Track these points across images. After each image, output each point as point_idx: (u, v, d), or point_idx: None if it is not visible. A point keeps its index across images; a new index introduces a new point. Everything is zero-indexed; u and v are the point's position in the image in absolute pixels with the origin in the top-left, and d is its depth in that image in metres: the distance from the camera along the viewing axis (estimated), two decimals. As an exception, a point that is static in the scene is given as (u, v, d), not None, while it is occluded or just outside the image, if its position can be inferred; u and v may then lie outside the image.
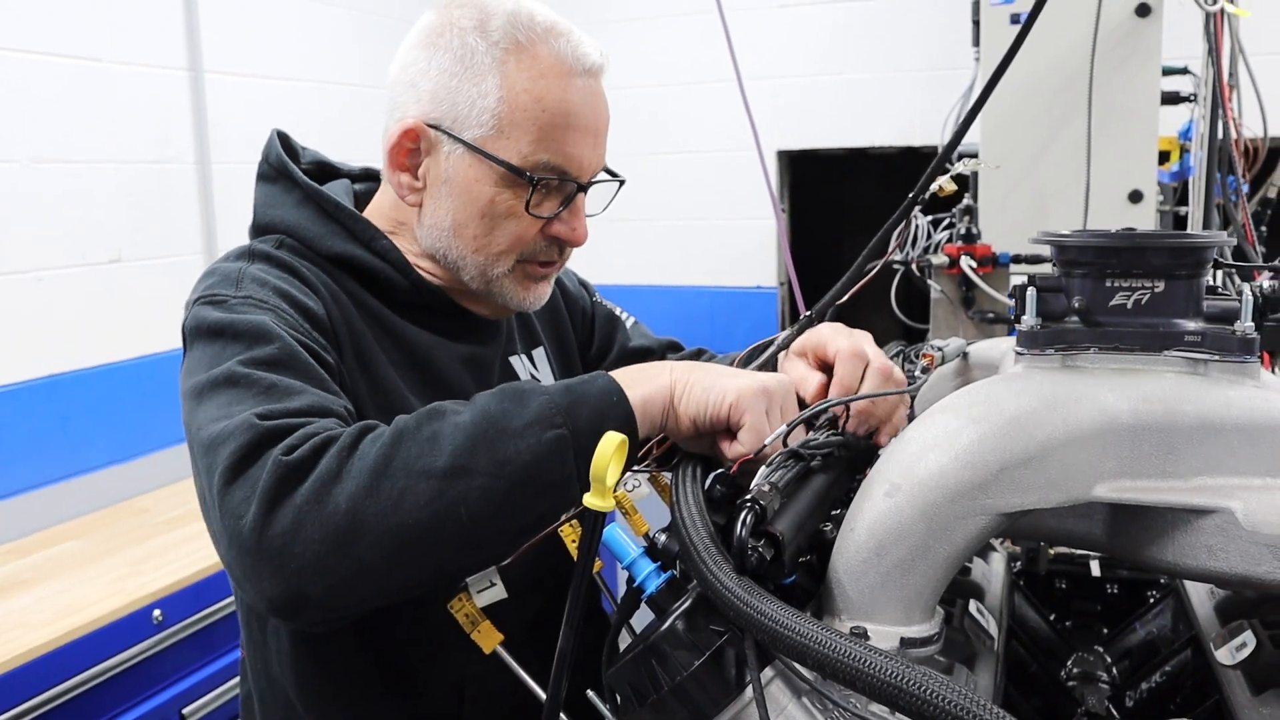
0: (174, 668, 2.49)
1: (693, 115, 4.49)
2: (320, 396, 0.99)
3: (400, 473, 0.87)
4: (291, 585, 0.86)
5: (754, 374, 0.99)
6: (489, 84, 1.12)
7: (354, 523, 0.85)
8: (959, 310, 2.21)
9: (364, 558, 0.86)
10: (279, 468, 0.87)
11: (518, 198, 1.15)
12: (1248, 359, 0.85)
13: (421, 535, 0.87)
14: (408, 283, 1.20)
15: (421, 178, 1.18)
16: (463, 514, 0.88)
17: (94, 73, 3.00)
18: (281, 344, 1.02)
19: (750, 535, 0.75)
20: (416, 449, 0.89)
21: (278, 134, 1.29)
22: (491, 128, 1.13)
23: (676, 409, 0.97)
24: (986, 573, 1.19)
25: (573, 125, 1.15)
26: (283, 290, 1.09)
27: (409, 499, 0.87)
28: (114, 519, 2.92)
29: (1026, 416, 0.79)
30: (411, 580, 0.90)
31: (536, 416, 0.91)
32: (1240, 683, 0.96)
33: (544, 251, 1.20)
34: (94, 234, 3.02)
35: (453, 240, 1.18)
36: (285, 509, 0.86)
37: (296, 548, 0.85)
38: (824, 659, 0.65)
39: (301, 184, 1.22)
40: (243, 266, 1.12)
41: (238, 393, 0.97)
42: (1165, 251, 0.90)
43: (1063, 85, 2.32)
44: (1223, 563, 0.78)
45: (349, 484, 0.86)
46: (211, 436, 0.93)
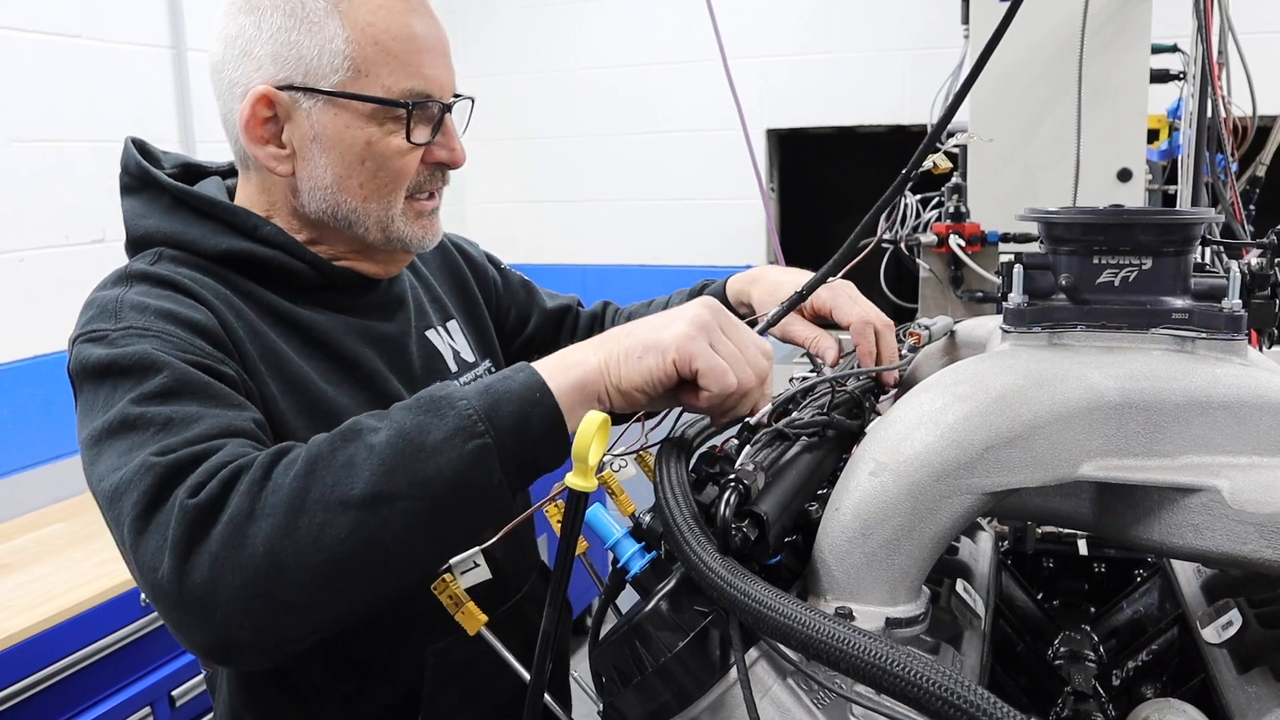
0: (163, 650, 2.48)
1: (680, 94, 4.47)
2: (221, 416, 0.95)
3: (317, 506, 0.83)
4: (219, 634, 0.83)
5: (677, 314, 0.93)
6: (331, 29, 1.09)
7: (273, 565, 0.82)
8: (948, 289, 2.20)
9: (289, 599, 0.83)
10: (186, 512, 0.83)
11: (393, 132, 1.12)
12: (1235, 337, 0.85)
13: (346, 569, 0.84)
14: (304, 264, 1.17)
15: (287, 144, 1.13)
16: (387, 542, 0.84)
17: (74, 50, 2.97)
18: (170, 370, 0.97)
19: (733, 515, 0.74)
20: (332, 478, 0.84)
21: (132, 140, 1.23)
22: (347, 70, 1.10)
23: (618, 386, 0.92)
24: (974, 552, 1.19)
25: (423, 48, 1.13)
26: (165, 311, 1.04)
27: (329, 533, 0.83)
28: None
29: (1012, 395, 0.79)
30: (344, 613, 0.87)
31: (455, 427, 0.86)
32: (1226, 661, 0.95)
33: (428, 181, 1.18)
34: (76, 214, 3.00)
35: (340, 195, 1.14)
36: (200, 557, 0.82)
37: (219, 596, 0.82)
38: (808, 640, 0.64)
39: (169, 188, 1.17)
40: (120, 294, 1.07)
41: (135, 436, 0.92)
42: (1153, 228, 0.89)
43: (1052, 63, 2.31)
44: (1209, 541, 0.77)
45: (264, 524, 0.82)
46: (113, 487, 0.90)
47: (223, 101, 1.16)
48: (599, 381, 0.92)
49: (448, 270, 1.43)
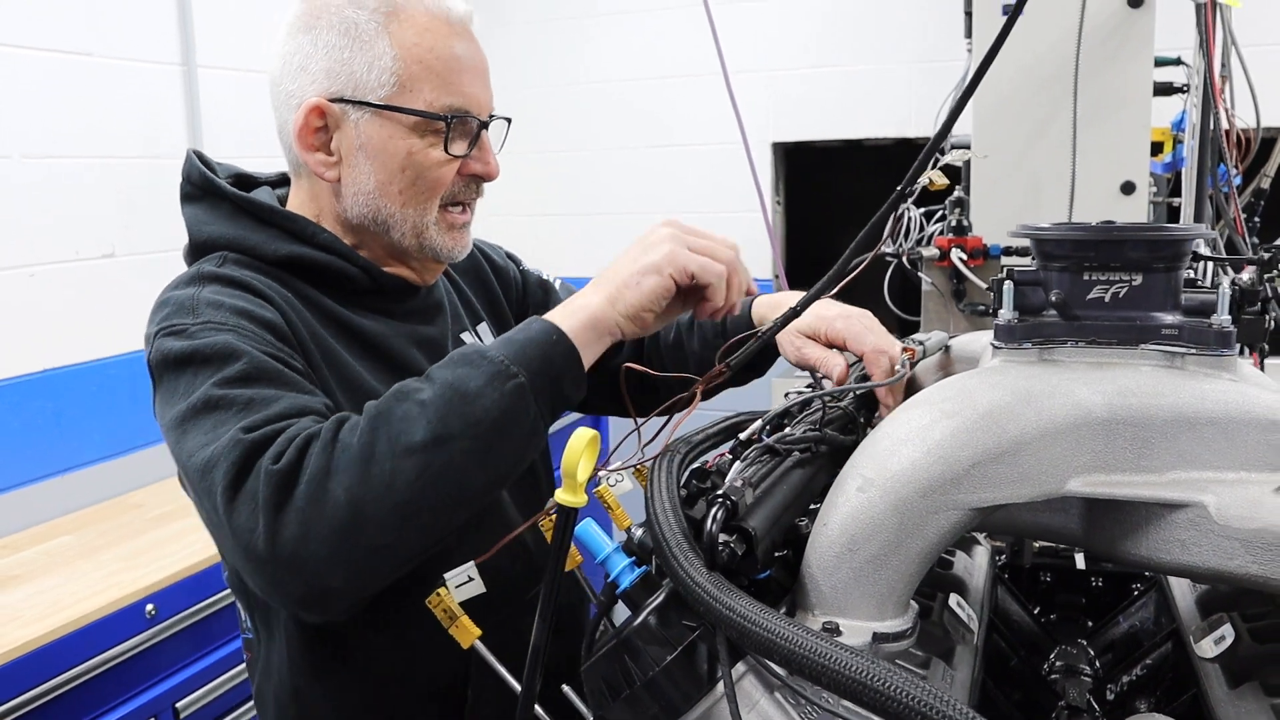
0: (168, 662, 2.50)
1: (687, 108, 4.49)
2: (297, 398, 1.05)
3: (385, 455, 0.94)
4: (314, 584, 0.94)
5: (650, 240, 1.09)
6: (380, 48, 1.20)
7: (355, 512, 0.92)
8: (950, 302, 2.20)
9: (374, 541, 0.94)
10: (271, 477, 0.93)
11: (432, 144, 1.22)
12: (1224, 352, 0.85)
13: (420, 506, 0.95)
14: (357, 269, 1.26)
15: (335, 152, 1.23)
16: (451, 477, 0.96)
17: (85, 68, 3.00)
18: (249, 359, 1.06)
19: (721, 530, 0.75)
20: (394, 430, 0.95)
21: (193, 153, 1.31)
22: (393, 86, 1.20)
23: (625, 314, 1.06)
24: (969, 566, 1.19)
25: (464, 68, 1.23)
26: (239, 308, 1.13)
27: (399, 478, 0.94)
28: (108, 514, 2.92)
29: (999, 411, 0.79)
30: (421, 546, 0.98)
31: (492, 373, 0.99)
32: (1218, 676, 0.95)
33: (463, 192, 1.28)
34: (87, 229, 3.02)
35: (380, 200, 1.23)
36: (289, 515, 0.92)
37: (310, 548, 0.92)
38: (790, 655, 0.65)
39: (230, 196, 1.26)
40: (195, 292, 1.15)
41: (219, 415, 1.01)
42: (1143, 244, 0.90)
43: (1054, 76, 2.31)
44: (1195, 557, 0.77)
45: (341, 477, 0.93)
46: (203, 461, 0.99)
47: (279, 113, 1.25)
48: (607, 315, 1.05)
49: (474, 274, 1.53)
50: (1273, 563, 0.74)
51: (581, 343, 1.04)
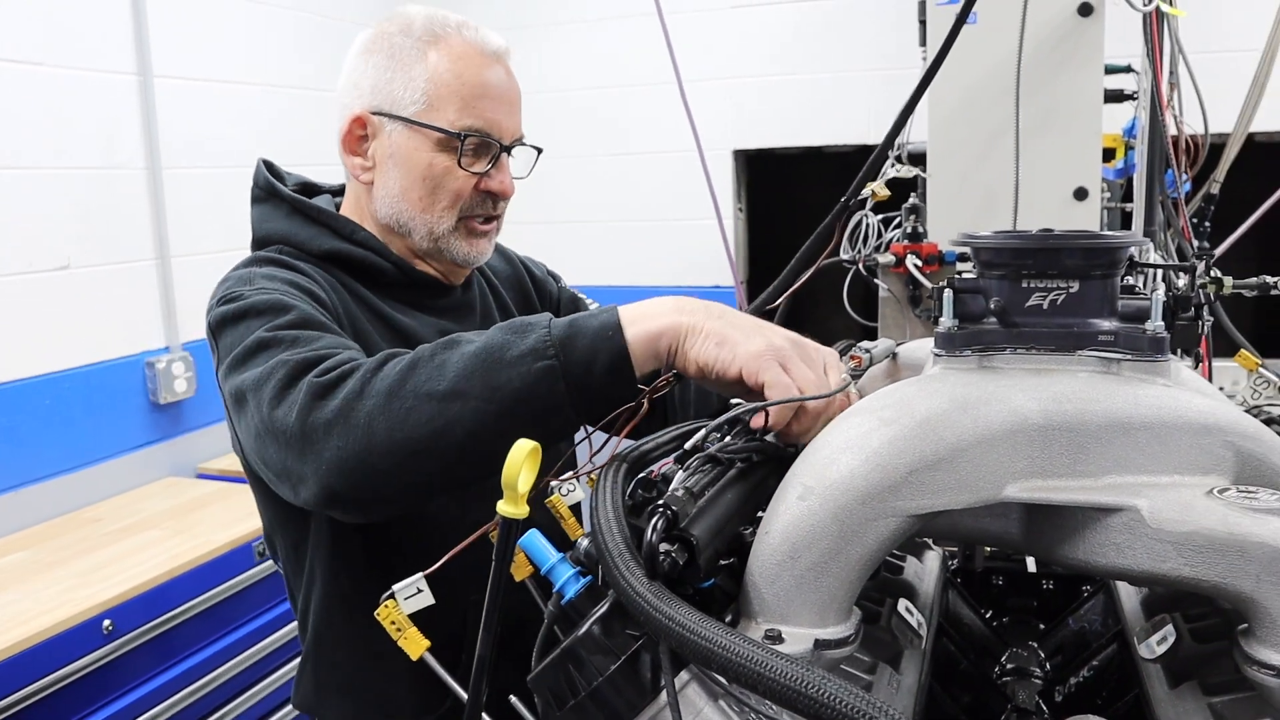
0: (126, 678, 2.47)
1: (648, 116, 4.50)
2: (338, 339, 1.18)
3: (410, 394, 1.02)
4: (325, 481, 1.03)
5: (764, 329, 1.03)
6: (416, 70, 1.37)
7: (368, 435, 1.01)
8: (906, 309, 2.22)
9: (377, 464, 1.01)
10: (312, 387, 1.05)
11: (451, 159, 1.37)
12: (1158, 358, 0.87)
13: (423, 449, 1.01)
14: (389, 264, 1.42)
15: (371, 158, 1.41)
16: (458, 433, 1.00)
17: (38, 77, 2.96)
18: (298, 311, 1.20)
19: (662, 539, 0.75)
20: (426, 374, 1.03)
21: (263, 162, 1.49)
22: (423, 104, 1.36)
23: (687, 353, 1.03)
24: (919, 571, 1.20)
25: (488, 95, 1.38)
26: (291, 282, 1.29)
27: (413, 418, 1.01)
28: (64, 529, 2.89)
29: (937, 418, 0.80)
30: (419, 486, 1.05)
31: (532, 347, 1.02)
32: (1159, 676, 0.97)
33: (480, 206, 1.42)
34: (41, 241, 2.98)
35: (402, 204, 1.40)
36: (318, 419, 1.03)
37: (326, 452, 1.02)
38: (728, 663, 0.65)
39: (288, 198, 1.44)
40: (252, 271, 1.31)
41: (270, 351, 1.13)
42: (1079, 252, 0.91)
43: (1008, 85, 2.34)
44: (1130, 560, 0.79)
45: (369, 402, 1.02)
46: (254, 380, 1.11)
47: (336, 122, 1.43)
48: (673, 340, 1.03)
49: (515, 281, 1.68)
50: (1204, 565, 0.75)
51: (639, 349, 1.03)
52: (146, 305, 3.33)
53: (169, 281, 3.36)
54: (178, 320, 3.37)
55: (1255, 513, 0.75)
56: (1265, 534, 0.73)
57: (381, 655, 1.34)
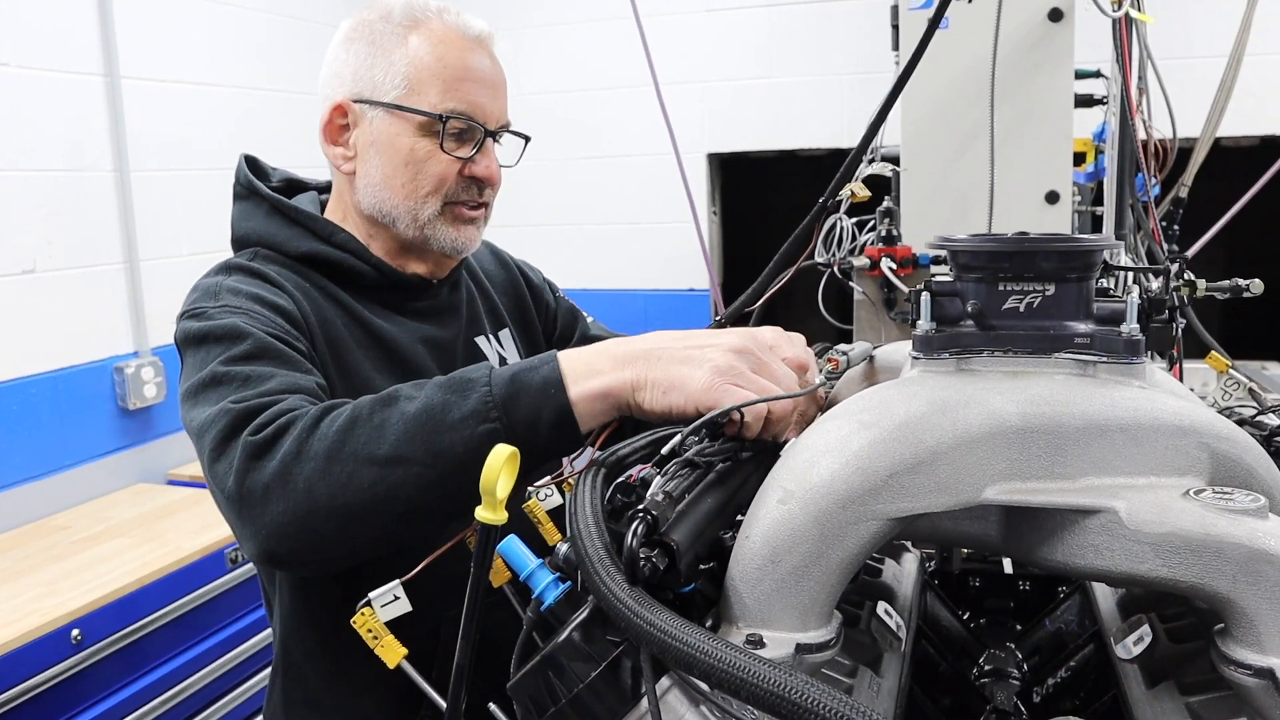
0: (96, 688, 2.44)
1: (622, 119, 4.50)
2: (290, 376, 1.14)
3: (350, 458, 0.99)
4: (263, 545, 1.02)
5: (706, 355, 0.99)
6: (397, 55, 1.34)
7: (309, 500, 0.99)
8: (881, 311, 2.23)
9: (319, 529, 1.00)
10: (246, 447, 1.02)
11: (434, 143, 1.34)
12: (1133, 360, 0.87)
13: (365, 513, 1.00)
14: (369, 266, 1.38)
15: (352, 147, 1.37)
16: (401, 497, 0.99)
17: (2, 78, 2.92)
18: (254, 339, 1.17)
19: (642, 545, 0.75)
20: (365, 435, 1.00)
21: (245, 158, 1.45)
22: (404, 88, 1.33)
23: (641, 405, 1.01)
24: (898, 573, 1.20)
25: (470, 77, 1.35)
26: (255, 295, 1.25)
27: (354, 482, 0.99)
28: (31, 537, 2.85)
29: (916, 421, 0.80)
30: (362, 548, 1.04)
31: (473, 410, 1.00)
32: (1136, 676, 0.97)
33: (465, 191, 1.38)
34: (6, 245, 2.95)
35: (384, 192, 1.36)
36: (256, 484, 1.01)
37: (266, 517, 1.00)
38: (709, 668, 0.65)
39: (268, 198, 1.40)
40: (220, 280, 1.29)
41: (221, 390, 1.11)
42: (1054, 255, 0.92)
43: (981, 89, 2.35)
44: (1108, 561, 0.79)
45: (307, 466, 0.99)
46: (199, 426, 1.10)
47: (320, 110, 1.39)
48: (624, 395, 1.01)
49: (509, 285, 1.64)
50: (1180, 565, 0.75)
51: (584, 408, 1.01)
52: (115, 309, 3.29)
53: (137, 285, 3.32)
54: (146, 325, 3.34)
55: (1230, 514, 0.75)
56: (1241, 534, 0.74)
57: (349, 672, 1.33)
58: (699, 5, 4.38)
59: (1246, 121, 3.44)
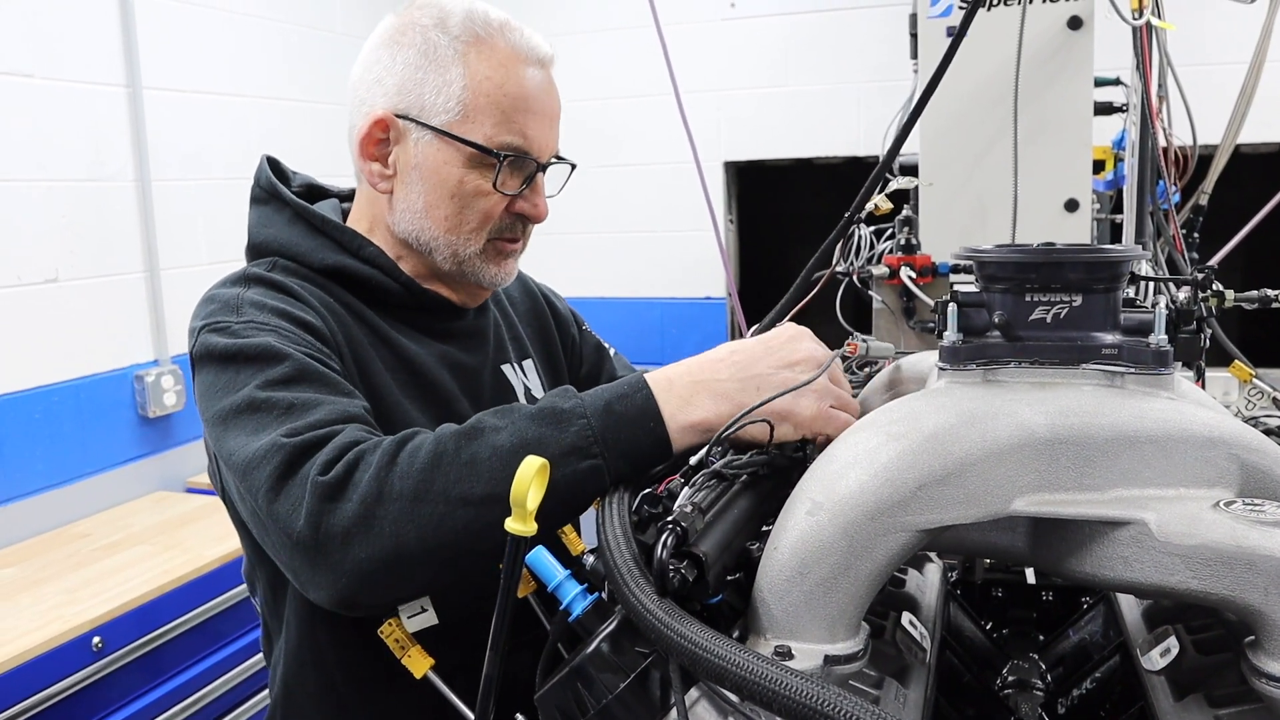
0: (117, 695, 2.45)
1: (640, 128, 4.51)
2: (339, 403, 1.06)
3: (439, 498, 0.94)
4: (344, 593, 0.95)
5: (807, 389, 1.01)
6: (453, 74, 1.21)
7: (397, 546, 0.93)
8: (900, 320, 2.22)
9: (407, 574, 0.95)
10: (318, 487, 0.94)
11: (484, 177, 1.23)
12: (1162, 371, 0.87)
13: (460, 555, 0.95)
14: (398, 285, 1.28)
15: (391, 165, 1.26)
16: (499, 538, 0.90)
17: (26, 89, 2.95)
18: (291, 360, 1.08)
19: (671, 556, 0.75)
20: (455, 474, 0.95)
21: (267, 159, 1.35)
22: (458, 113, 1.21)
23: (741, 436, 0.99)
24: (921, 584, 1.20)
25: (531, 109, 1.24)
26: (281, 310, 1.16)
27: (448, 524, 0.94)
28: (52, 545, 2.86)
29: (945, 433, 0.80)
30: (454, 582, 0.99)
31: (573, 445, 0.97)
32: (1164, 688, 0.97)
33: (509, 228, 1.29)
34: (29, 254, 2.97)
35: (425, 222, 1.25)
36: (334, 529, 0.94)
37: (347, 565, 0.94)
38: (741, 680, 0.65)
39: (291, 203, 1.30)
40: (240, 292, 1.18)
41: (261, 417, 1.03)
42: (1081, 266, 0.91)
43: (999, 98, 2.35)
44: (1138, 573, 0.79)
45: (392, 507, 0.94)
46: (245, 461, 1.01)
47: (351, 116, 1.28)
48: (714, 427, 1.00)
49: (534, 315, 1.55)
50: (1211, 577, 0.75)
51: (678, 437, 1.01)
52: (135, 318, 3.31)
53: (158, 294, 3.34)
54: (167, 333, 3.35)
55: (1262, 525, 0.75)
56: (1273, 547, 0.74)
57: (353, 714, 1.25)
58: (716, 14, 4.38)
59: (1266, 129, 3.42)
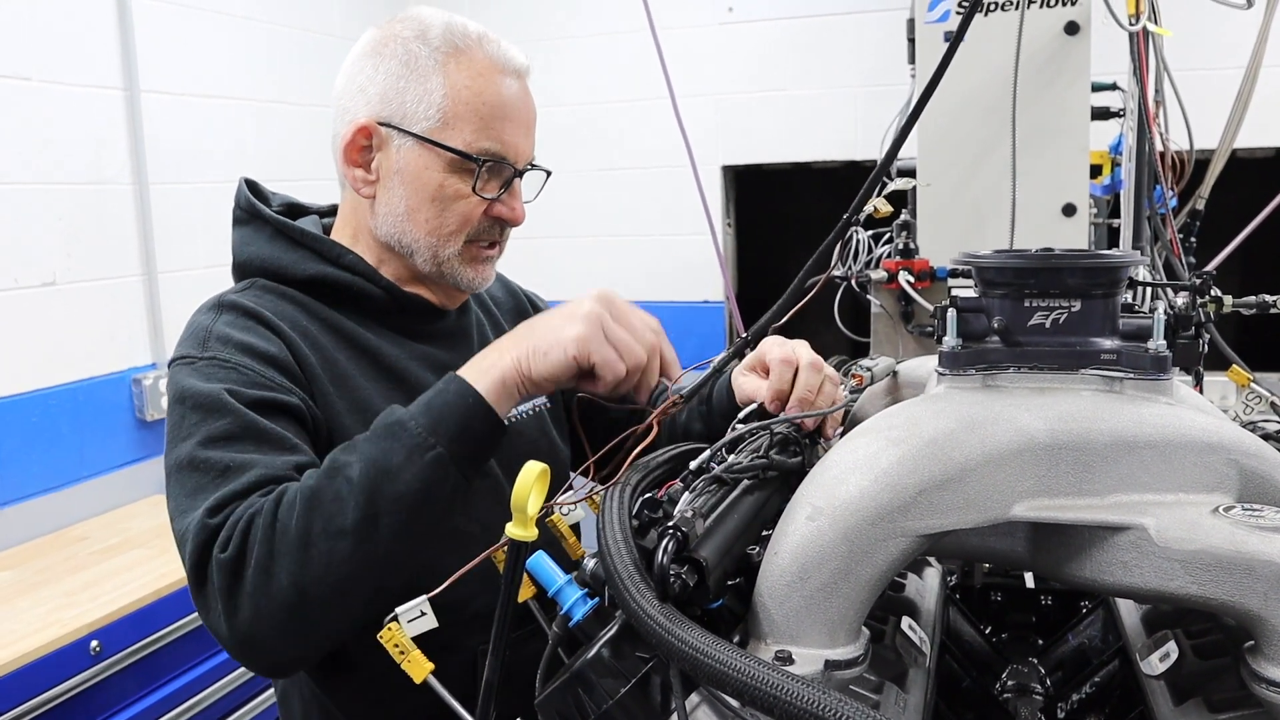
0: (114, 699, 2.44)
1: (638, 132, 4.51)
2: (269, 468, 1.10)
3: (320, 537, 1.02)
4: (271, 658, 1.07)
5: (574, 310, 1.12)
6: (433, 83, 1.27)
7: (300, 594, 1.01)
8: (898, 324, 2.23)
9: (320, 616, 1.03)
10: (220, 566, 1.03)
11: (464, 181, 1.28)
12: (1160, 376, 0.87)
13: (356, 581, 1.02)
14: (379, 289, 1.33)
15: (374, 171, 1.31)
16: (382, 551, 1.03)
17: (24, 92, 2.95)
18: (233, 417, 1.13)
19: (672, 561, 0.75)
20: (327, 511, 1.03)
21: (245, 181, 1.40)
22: (438, 120, 1.27)
23: (531, 377, 1.11)
24: (920, 588, 1.20)
25: (508, 116, 1.30)
26: (244, 345, 1.21)
27: (335, 558, 1.02)
28: (49, 548, 2.86)
29: (944, 438, 0.80)
30: (367, 611, 1.01)
31: (412, 446, 1.06)
32: (1163, 693, 0.97)
33: (487, 232, 1.34)
34: (26, 257, 2.97)
35: (406, 225, 1.30)
36: (241, 601, 1.02)
37: (263, 630, 1.02)
38: (742, 686, 0.65)
39: (271, 220, 1.35)
40: (210, 325, 1.23)
41: (198, 478, 1.11)
42: (1080, 271, 0.92)
43: (996, 102, 2.35)
44: (1137, 578, 0.79)
45: (284, 561, 1.01)
46: (179, 533, 1.10)
47: (335, 124, 1.33)
48: (514, 377, 1.11)
49: (517, 314, 1.59)
50: (1210, 582, 0.75)
51: (494, 400, 1.10)
52: (133, 321, 3.31)
53: (156, 297, 3.34)
54: (164, 336, 3.35)
55: (1261, 531, 0.75)
56: (1272, 552, 0.74)
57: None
58: (713, 18, 4.39)
59: (1263, 133, 3.43)
